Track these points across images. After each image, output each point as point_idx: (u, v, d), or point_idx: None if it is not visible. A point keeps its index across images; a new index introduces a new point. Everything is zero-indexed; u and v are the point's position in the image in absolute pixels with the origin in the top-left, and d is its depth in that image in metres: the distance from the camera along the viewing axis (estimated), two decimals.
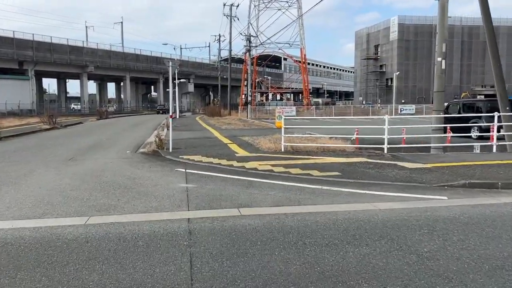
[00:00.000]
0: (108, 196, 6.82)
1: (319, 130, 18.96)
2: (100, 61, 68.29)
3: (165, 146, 13.54)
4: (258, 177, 8.31)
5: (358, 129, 14.07)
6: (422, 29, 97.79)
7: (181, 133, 21.42)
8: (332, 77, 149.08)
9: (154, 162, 10.78)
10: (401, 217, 5.41)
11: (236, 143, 15.42)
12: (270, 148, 12.99)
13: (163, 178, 8.42)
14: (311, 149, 12.61)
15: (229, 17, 41.92)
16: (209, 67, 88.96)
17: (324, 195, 6.76)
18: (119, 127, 28.71)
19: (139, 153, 12.83)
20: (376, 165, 9.53)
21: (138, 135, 20.54)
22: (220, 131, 22.03)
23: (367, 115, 43.94)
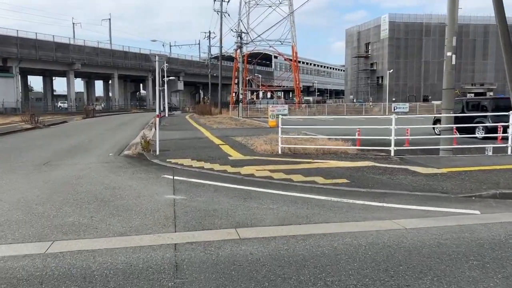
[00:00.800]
0: (81, 211, 5.75)
1: (316, 129, 18.02)
2: (87, 59, 66.71)
3: (152, 148, 12.47)
4: (256, 186, 7.29)
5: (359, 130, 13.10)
6: (412, 27, 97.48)
7: (170, 133, 20.31)
8: (322, 75, 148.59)
9: (139, 167, 9.69)
10: (436, 241, 4.43)
11: (229, 144, 14.38)
12: (266, 150, 11.98)
13: (147, 187, 7.36)
14: (310, 151, 11.63)
15: (219, 12, 40.77)
16: (199, 64, 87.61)
17: (336, 210, 5.77)
18: (105, 126, 27.47)
19: (123, 156, 11.72)
20: (386, 170, 8.57)
21: (124, 135, 19.39)
22: (211, 131, 20.96)
23: (360, 113, 43.20)
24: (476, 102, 16.95)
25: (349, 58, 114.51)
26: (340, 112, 43.23)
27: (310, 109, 43.70)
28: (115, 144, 15.54)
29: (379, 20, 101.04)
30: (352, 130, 14.63)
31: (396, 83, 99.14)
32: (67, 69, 64.34)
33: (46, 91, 75.24)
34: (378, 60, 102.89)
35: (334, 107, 47.52)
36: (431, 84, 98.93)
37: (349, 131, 15.72)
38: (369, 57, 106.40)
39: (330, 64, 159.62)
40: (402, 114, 41.18)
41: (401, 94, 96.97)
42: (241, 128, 23.65)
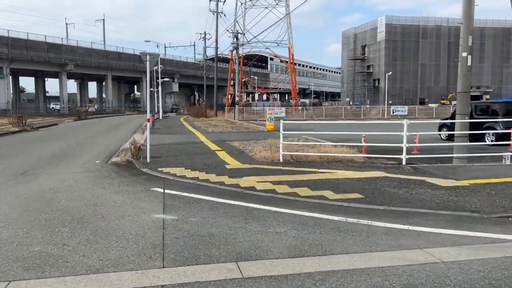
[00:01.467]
0: (52, 237, 4.83)
1: (317, 135, 17.18)
2: (81, 59, 65.56)
3: (143, 154, 11.56)
4: (258, 202, 6.40)
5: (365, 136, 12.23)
6: (409, 29, 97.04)
7: (163, 137, 19.39)
8: (318, 77, 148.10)
9: (126, 177, 8.77)
10: (485, 281, 3.56)
11: (226, 150, 13.48)
12: (266, 158, 11.10)
13: (134, 203, 6.45)
14: (314, 159, 10.77)
15: (215, 13, 39.89)
16: (194, 66, 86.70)
17: (354, 235, 4.89)
18: (96, 129, 26.49)
19: (111, 164, 10.79)
20: (401, 183, 7.71)
21: (115, 140, 18.44)
22: (207, 135, 20.06)
23: (359, 116, 42.47)
24: (485, 106, 16.17)
25: (345, 60, 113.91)
26: (338, 115, 42.46)
27: (308, 112, 42.90)
28: (104, 149, 14.60)
29: (375, 22, 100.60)
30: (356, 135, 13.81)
31: (393, 86, 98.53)
32: (59, 70, 63.16)
33: (38, 93, 73.97)
34: (374, 63, 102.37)
35: (331, 109, 46.75)
36: (428, 87, 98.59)
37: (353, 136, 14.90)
38: (366, 59, 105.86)
39: (326, 67, 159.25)
40: (401, 118, 40.51)
41: (397, 97, 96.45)
42: (238, 131, 22.76)
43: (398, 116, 41.25)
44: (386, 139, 12.80)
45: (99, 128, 27.71)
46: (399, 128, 10.41)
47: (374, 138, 14.90)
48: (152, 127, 26.00)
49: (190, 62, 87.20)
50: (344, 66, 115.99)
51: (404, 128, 9.91)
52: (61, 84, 65.68)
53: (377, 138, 14.67)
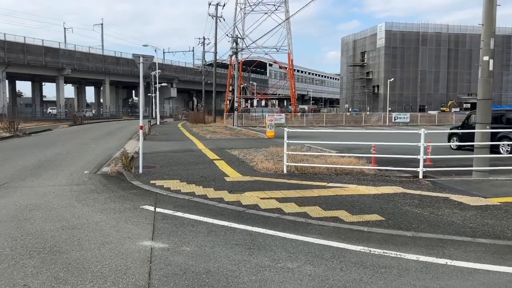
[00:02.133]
0: (12, 274, 3.93)
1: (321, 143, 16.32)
2: (78, 64, 64.84)
3: (135, 164, 10.67)
4: (263, 225, 5.51)
5: (370, 144, 11.36)
6: (409, 36, 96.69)
7: (159, 144, 18.51)
8: (316, 84, 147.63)
9: (115, 191, 7.86)
10: None
11: (225, 159, 12.60)
12: (268, 169, 10.22)
13: (119, 226, 5.55)
14: (321, 171, 9.90)
15: (214, 17, 39.14)
16: (192, 71, 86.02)
17: (384, 273, 4.00)
18: (90, 135, 25.58)
19: (99, 175, 9.88)
20: (423, 200, 6.85)
21: (108, 147, 17.54)
22: (205, 142, 19.18)
23: (359, 123, 41.66)
24: (498, 115, 15.33)
25: (344, 67, 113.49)
26: (339, 122, 41.65)
27: (308, 119, 42.07)
28: (95, 157, 13.70)
29: (375, 28, 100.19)
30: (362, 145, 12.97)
31: (392, 93, 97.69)
32: (56, 74, 62.35)
33: (35, 97, 73.03)
34: (374, 69, 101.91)
35: (331, 116, 45.92)
36: (427, 94, 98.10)
37: (359, 145, 14.06)
38: (365, 65, 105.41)
39: (324, 73, 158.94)
40: (403, 125, 39.74)
41: (397, 104, 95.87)
42: (237, 139, 21.89)
43: (400, 124, 40.51)
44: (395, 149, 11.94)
45: (93, 134, 26.80)
46: (408, 137, 9.57)
47: (382, 147, 14.09)
48: (148, 133, 25.14)
49: (188, 67, 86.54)
50: (343, 72, 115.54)
51: (421, 137, 9.03)
52: (58, 88, 64.86)
53: (384, 147, 13.83)
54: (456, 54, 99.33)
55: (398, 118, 41.18)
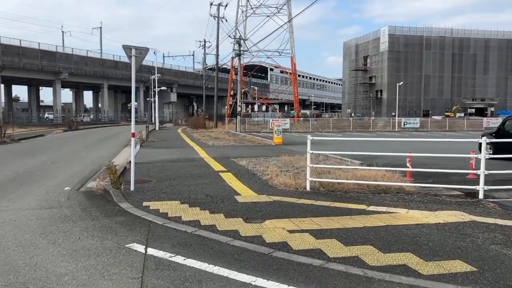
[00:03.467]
0: None
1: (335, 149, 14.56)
2: (76, 68, 63.19)
3: (126, 179, 8.90)
4: (304, 284, 3.72)
5: (409, 157, 9.55)
6: (412, 40, 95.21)
7: (157, 152, 16.75)
8: (317, 89, 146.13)
9: (95, 219, 6.07)
10: None
11: (232, 171, 10.83)
12: (287, 184, 8.45)
13: (91, 282, 3.76)
14: (351, 187, 8.14)
15: (216, 17, 37.48)
16: (192, 75, 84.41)
17: None
18: (84, 141, 23.83)
19: (82, 194, 8.09)
20: (509, 235, 5.08)
21: (101, 155, 15.78)
22: (207, 150, 17.40)
23: (366, 129, 39.94)
24: None
25: (347, 71, 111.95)
26: (346, 127, 39.91)
27: (313, 124, 40.34)
28: (83, 168, 11.93)
29: (378, 32, 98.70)
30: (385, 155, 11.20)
31: (396, 97, 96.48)
32: (53, 78, 60.67)
33: (31, 101, 71.29)
34: (377, 74, 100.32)
35: (337, 121, 44.19)
36: (431, 99, 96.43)
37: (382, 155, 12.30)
38: (368, 70, 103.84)
39: (326, 78, 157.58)
40: (413, 130, 38.02)
41: (401, 109, 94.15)
42: (242, 145, 20.11)
43: (410, 129, 38.79)
44: (429, 160, 10.18)
45: (87, 140, 25.05)
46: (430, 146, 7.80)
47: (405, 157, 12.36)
48: (146, 140, 23.38)
49: (189, 71, 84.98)
50: (346, 77, 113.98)
51: (482, 148, 7.26)
52: (54, 93, 63.19)
53: (415, 159, 12.06)
54: (460, 58, 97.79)
55: (407, 123, 39.47)
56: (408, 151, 9.41)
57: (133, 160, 8.41)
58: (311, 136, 8.10)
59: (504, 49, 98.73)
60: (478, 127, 40.39)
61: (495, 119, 41.96)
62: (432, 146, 16.06)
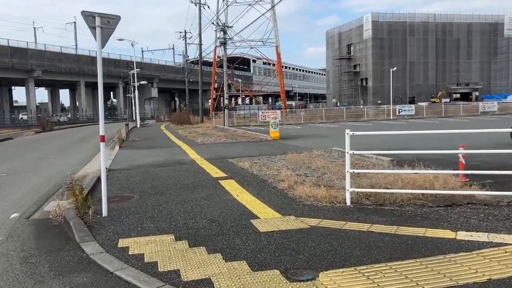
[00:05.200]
0: None
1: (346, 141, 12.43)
2: (49, 65, 59.73)
3: (97, 197, 6.57)
4: None
5: (463, 153, 7.40)
6: (396, 26, 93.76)
7: (138, 153, 14.38)
8: (300, 79, 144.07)
9: (39, 281, 3.77)
10: None
11: (234, 177, 8.58)
12: (317, 197, 6.23)
13: None
14: (404, 198, 5.98)
15: (197, 4, 34.88)
16: (173, 69, 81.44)
17: None
18: (56, 144, 21.22)
19: (32, 227, 5.69)
20: None
21: (72, 161, 13.34)
22: (198, 149, 15.08)
23: (361, 117, 38.02)
24: None
25: (330, 61, 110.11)
26: (339, 117, 37.91)
27: (304, 115, 38.23)
28: (45, 182, 9.53)
29: (361, 20, 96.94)
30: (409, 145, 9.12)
31: (381, 85, 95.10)
32: (25, 76, 57.14)
33: (3, 102, 67.33)
34: (361, 62, 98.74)
35: (331, 111, 42.08)
36: (417, 85, 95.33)
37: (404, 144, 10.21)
38: (352, 58, 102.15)
39: (308, 68, 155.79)
40: (409, 118, 36.27)
41: (386, 96, 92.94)
42: (236, 142, 17.82)
43: (405, 116, 37.03)
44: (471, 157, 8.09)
45: (60, 142, 22.43)
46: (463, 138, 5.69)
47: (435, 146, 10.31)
48: (126, 139, 20.90)
49: (169, 65, 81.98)
50: (329, 66, 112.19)
51: None
52: (28, 92, 59.67)
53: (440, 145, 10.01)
54: (444, 43, 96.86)
55: (402, 110, 37.69)
56: (460, 145, 7.29)
57: (104, 175, 6.02)
58: (350, 131, 5.87)
59: (486, 33, 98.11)
60: (475, 112, 38.90)
61: (491, 104, 40.50)
62: (459, 138, 14.05)
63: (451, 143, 7.67)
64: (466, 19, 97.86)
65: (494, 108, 39.02)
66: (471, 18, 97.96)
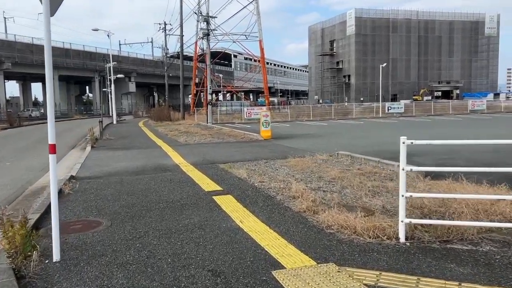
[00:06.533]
0: None
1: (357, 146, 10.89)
2: (20, 57, 56.53)
3: (47, 227, 4.73)
4: None
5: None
6: (379, 22, 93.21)
7: (113, 156, 12.46)
8: (281, 76, 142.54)
9: None
10: None
11: (232, 191, 6.84)
12: (356, 229, 4.54)
13: None
14: (471, 232, 4.36)
15: None
16: (152, 63, 78.72)
17: None
18: (20, 143, 19.01)
19: None
20: None
21: (34, 164, 11.35)
22: (181, 150, 13.22)
23: (350, 115, 36.67)
24: None
25: (313, 57, 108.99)
26: (326, 114, 36.46)
27: (292, 112, 36.59)
28: None
29: (344, 16, 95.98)
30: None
31: (364, 82, 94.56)
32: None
33: None
34: (344, 58, 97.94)
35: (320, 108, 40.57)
36: (399, 83, 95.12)
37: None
38: (335, 55, 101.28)
39: (289, 64, 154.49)
40: (398, 116, 35.10)
41: (369, 93, 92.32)
42: (224, 142, 16.02)
43: (394, 114, 35.85)
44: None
45: (25, 141, 20.19)
46: None
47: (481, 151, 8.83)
48: (100, 137, 18.87)
49: (148, 59, 79.20)
50: (312, 62, 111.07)
51: None
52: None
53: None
54: (426, 41, 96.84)
55: (391, 108, 36.50)
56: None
57: (55, 201, 4.13)
58: (406, 139, 4.18)
59: (467, 31, 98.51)
60: (463, 110, 38.05)
61: (480, 102, 39.72)
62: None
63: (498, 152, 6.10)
64: (448, 17, 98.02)
65: (483, 106, 38.28)
66: (453, 16, 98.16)
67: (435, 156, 10.37)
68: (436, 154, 10.69)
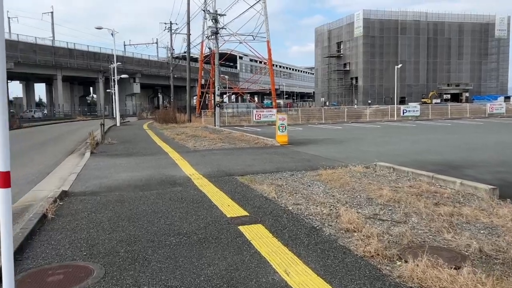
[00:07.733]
0: None
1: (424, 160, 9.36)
2: (23, 56, 55.40)
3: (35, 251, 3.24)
4: None
5: None
6: (388, 24, 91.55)
7: (114, 164, 10.95)
8: (287, 77, 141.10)
9: None
10: None
11: (263, 218, 5.32)
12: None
13: None
14: None
15: None
16: (157, 64, 77.45)
17: None
18: (14, 147, 17.55)
19: None
20: None
21: (25, 173, 9.86)
22: (191, 158, 11.69)
23: (362, 118, 35.07)
24: None
25: (319, 58, 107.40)
26: (337, 117, 34.88)
27: (301, 115, 35.05)
28: None
29: (352, 17, 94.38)
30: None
31: (372, 84, 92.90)
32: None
33: None
34: (351, 60, 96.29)
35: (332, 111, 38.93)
36: (408, 85, 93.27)
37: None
38: (342, 56, 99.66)
39: (294, 66, 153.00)
40: (414, 119, 33.48)
41: (376, 96, 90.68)
42: (236, 148, 14.48)
43: (410, 118, 34.20)
44: None
45: (23, 143, 18.76)
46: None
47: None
48: (102, 141, 17.40)
49: (153, 60, 77.96)
50: (318, 64, 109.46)
51: None
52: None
53: None
54: (435, 43, 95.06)
55: (407, 111, 34.85)
56: None
57: (11, 268, 2.61)
58: None
59: (477, 34, 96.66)
60: (481, 114, 36.38)
61: (498, 105, 38.03)
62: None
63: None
64: (457, 18, 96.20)
65: (502, 110, 36.55)
66: (462, 18, 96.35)
67: (489, 169, 8.82)
68: (488, 165, 9.15)
